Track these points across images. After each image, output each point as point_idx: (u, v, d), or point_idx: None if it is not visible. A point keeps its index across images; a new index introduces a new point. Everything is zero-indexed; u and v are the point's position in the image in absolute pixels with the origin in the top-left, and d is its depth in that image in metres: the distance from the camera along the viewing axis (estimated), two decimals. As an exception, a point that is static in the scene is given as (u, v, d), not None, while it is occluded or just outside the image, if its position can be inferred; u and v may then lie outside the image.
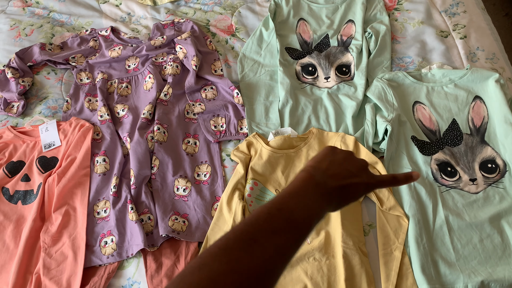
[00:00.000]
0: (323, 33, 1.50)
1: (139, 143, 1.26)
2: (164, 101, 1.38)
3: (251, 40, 1.49)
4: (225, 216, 1.17)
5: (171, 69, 1.43)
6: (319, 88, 1.40)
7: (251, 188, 1.20)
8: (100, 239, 1.17)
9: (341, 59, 1.44)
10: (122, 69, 1.49)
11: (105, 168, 1.27)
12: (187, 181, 1.25)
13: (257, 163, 1.24)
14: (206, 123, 1.35)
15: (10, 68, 1.45)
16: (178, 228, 1.16)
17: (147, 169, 1.25)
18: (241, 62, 1.46)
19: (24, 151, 1.34)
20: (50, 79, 1.48)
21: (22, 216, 1.23)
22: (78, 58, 1.51)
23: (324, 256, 1.10)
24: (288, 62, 1.44)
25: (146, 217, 1.19)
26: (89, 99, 1.42)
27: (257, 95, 1.38)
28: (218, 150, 1.31)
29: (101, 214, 1.21)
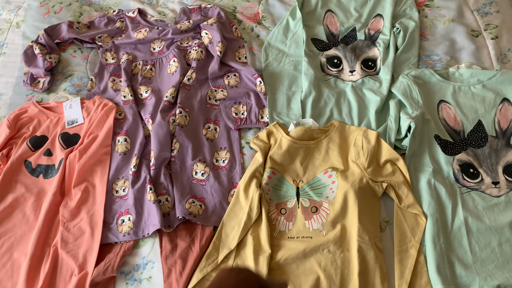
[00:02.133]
0: (351, 26, 1.48)
1: (161, 125, 1.27)
2: (187, 86, 1.39)
3: (277, 29, 1.48)
4: (241, 203, 1.18)
5: (195, 54, 1.43)
6: (343, 81, 1.38)
7: (268, 177, 1.20)
8: (117, 217, 1.19)
9: (368, 53, 1.42)
10: (147, 51, 1.50)
11: (125, 148, 1.28)
12: (206, 165, 1.25)
13: (276, 152, 1.24)
14: (227, 109, 1.35)
15: (38, 44, 1.48)
16: (195, 211, 1.17)
17: (167, 151, 1.26)
18: (266, 51, 1.46)
19: (47, 126, 1.36)
20: (76, 57, 1.50)
21: (43, 189, 1.25)
22: (104, 38, 1.52)
23: (339, 249, 1.09)
24: (313, 53, 1.43)
25: (164, 198, 1.20)
26: (113, 79, 1.44)
27: (279, 85, 1.38)
28: (237, 137, 1.31)
29: (120, 193, 1.23)
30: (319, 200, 1.17)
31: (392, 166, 1.19)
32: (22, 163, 1.29)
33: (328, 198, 1.17)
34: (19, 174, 1.27)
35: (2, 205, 1.22)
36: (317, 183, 1.20)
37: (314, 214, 1.15)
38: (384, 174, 1.18)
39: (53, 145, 1.32)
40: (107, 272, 1.09)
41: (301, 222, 1.15)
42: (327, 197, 1.17)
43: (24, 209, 1.22)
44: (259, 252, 1.10)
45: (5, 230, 1.20)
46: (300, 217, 1.16)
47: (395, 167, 1.20)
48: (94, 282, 1.08)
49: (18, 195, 1.24)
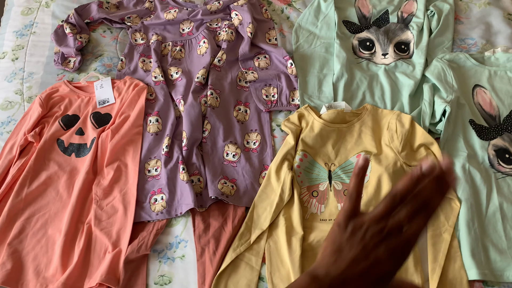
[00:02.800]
0: (383, 9, 1.45)
1: (193, 106, 1.27)
2: (217, 67, 1.38)
3: (308, 10, 1.46)
4: (272, 185, 1.18)
5: (225, 35, 1.42)
6: (375, 64, 1.36)
7: (300, 160, 1.20)
8: (150, 196, 1.20)
9: (401, 36, 1.40)
10: (176, 32, 1.49)
11: (157, 128, 1.29)
12: (237, 147, 1.25)
13: (308, 135, 1.23)
14: (258, 92, 1.34)
15: (69, 23, 1.48)
16: (227, 192, 1.18)
17: (199, 132, 1.26)
18: (296, 33, 1.44)
19: (79, 105, 1.37)
20: (106, 37, 1.50)
21: (75, 168, 1.27)
22: (134, 18, 1.52)
23: (372, 232, 1.09)
24: (345, 36, 1.41)
25: (196, 178, 1.20)
26: (143, 59, 1.43)
27: (311, 67, 1.37)
28: (268, 119, 1.31)
29: (152, 173, 1.23)
30: (352, 183, 1.17)
31: (426, 150, 1.18)
32: (55, 142, 1.30)
33: (361, 181, 1.16)
34: (52, 152, 1.29)
35: (36, 183, 1.24)
36: (349, 166, 1.20)
37: (347, 197, 1.15)
38: (418, 158, 1.17)
39: (84, 124, 1.33)
40: (141, 250, 1.11)
41: (333, 204, 1.15)
42: (360, 180, 1.17)
43: (57, 186, 1.24)
44: (292, 233, 1.10)
45: (39, 207, 1.21)
46: (332, 199, 1.16)
47: (429, 151, 1.19)
48: (128, 259, 1.10)
49: (51, 173, 1.25)
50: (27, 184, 1.23)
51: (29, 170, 1.24)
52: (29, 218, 1.19)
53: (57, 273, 1.12)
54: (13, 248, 1.15)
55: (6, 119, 1.36)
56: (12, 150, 1.29)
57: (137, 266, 1.11)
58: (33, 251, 1.15)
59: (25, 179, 1.23)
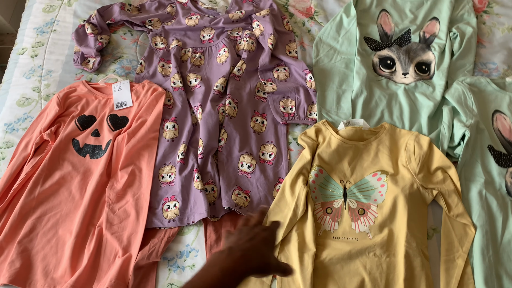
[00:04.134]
0: (405, 28, 1.45)
1: (211, 114, 1.27)
2: (236, 76, 1.38)
3: (330, 25, 1.46)
4: (286, 199, 1.17)
5: (246, 45, 1.42)
6: (395, 83, 1.36)
7: (315, 175, 1.19)
8: (163, 202, 1.19)
9: (422, 56, 1.40)
10: (197, 38, 1.49)
11: (174, 135, 1.28)
12: (252, 158, 1.25)
13: (324, 150, 1.22)
14: (276, 103, 1.34)
15: (90, 24, 1.48)
16: (240, 203, 1.17)
17: (215, 141, 1.25)
18: (317, 46, 1.44)
19: (95, 106, 1.37)
20: (126, 40, 1.50)
21: (89, 169, 1.26)
22: (155, 22, 1.52)
23: (385, 253, 1.08)
24: (366, 52, 1.41)
25: (210, 187, 1.20)
26: (162, 64, 1.43)
27: (330, 82, 1.36)
28: (285, 132, 1.31)
29: (166, 179, 1.23)
30: (367, 203, 1.16)
31: (443, 174, 1.17)
32: (70, 142, 1.30)
33: (377, 201, 1.16)
34: (67, 152, 1.28)
35: (49, 182, 1.23)
36: (365, 185, 1.19)
37: (362, 216, 1.14)
38: (435, 181, 1.16)
39: (101, 126, 1.33)
40: (151, 257, 1.10)
41: (347, 223, 1.14)
42: (375, 200, 1.16)
43: (70, 187, 1.23)
44: (304, 250, 1.09)
45: (51, 206, 1.21)
46: (346, 218, 1.15)
47: (446, 174, 1.18)
48: (138, 265, 1.09)
49: (65, 173, 1.25)
50: (41, 182, 1.23)
51: (43, 168, 1.24)
52: (40, 217, 1.19)
53: (65, 274, 1.12)
54: (23, 247, 1.14)
55: (22, 116, 1.36)
56: (27, 148, 1.29)
57: (146, 273, 1.11)
58: (43, 251, 1.15)
59: (38, 178, 1.23)
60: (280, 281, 1.07)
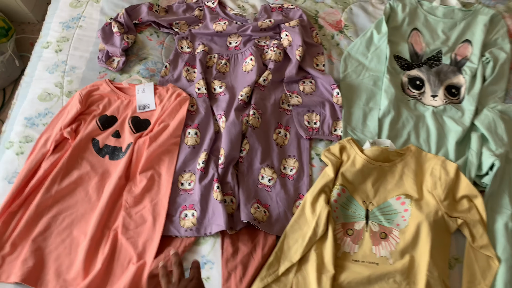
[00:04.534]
0: (436, 48, 1.42)
1: (234, 124, 1.25)
2: (262, 86, 1.36)
3: (359, 40, 1.44)
4: (307, 217, 1.15)
5: (273, 55, 1.40)
6: (423, 104, 1.33)
7: (338, 194, 1.17)
8: (180, 210, 1.17)
9: (452, 79, 1.37)
10: (223, 45, 1.47)
11: (195, 142, 1.26)
12: (273, 171, 1.23)
13: (348, 169, 1.20)
14: (300, 117, 1.32)
15: (117, 22, 1.46)
16: (259, 217, 1.15)
17: (237, 151, 1.23)
18: (345, 61, 1.41)
19: (117, 107, 1.35)
20: (152, 41, 1.48)
21: (108, 170, 1.25)
22: (182, 25, 1.50)
23: (405, 281, 1.06)
24: (395, 71, 1.38)
25: (229, 198, 1.18)
26: (187, 68, 1.41)
27: (357, 99, 1.34)
28: (308, 147, 1.28)
29: (185, 186, 1.21)
30: (389, 227, 1.13)
31: (469, 203, 1.14)
32: (90, 141, 1.28)
33: (399, 226, 1.13)
34: (86, 151, 1.27)
35: (67, 181, 1.22)
36: (388, 208, 1.16)
37: (383, 240, 1.12)
38: (460, 209, 1.14)
39: (122, 128, 1.31)
40: (167, 266, 1.08)
41: (367, 246, 1.11)
42: (398, 225, 1.13)
43: (87, 187, 1.22)
44: (322, 271, 1.07)
45: (67, 206, 1.19)
46: (367, 241, 1.12)
47: (472, 204, 1.15)
48: (152, 274, 1.07)
49: (83, 173, 1.23)
50: (58, 181, 1.21)
51: (61, 167, 1.23)
52: (56, 216, 1.17)
53: (78, 277, 1.10)
54: (36, 245, 1.13)
55: (43, 111, 1.35)
56: (46, 144, 1.28)
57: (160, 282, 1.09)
58: (56, 251, 1.13)
59: (56, 176, 1.22)
60: (296, 301, 1.05)
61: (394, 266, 1.07)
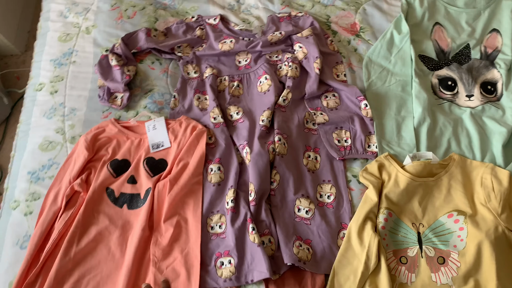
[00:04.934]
0: (463, 42, 1.31)
1: (261, 155, 1.14)
2: (282, 107, 1.24)
3: (379, 43, 1.32)
4: (354, 249, 1.05)
5: (290, 71, 1.28)
6: (459, 106, 1.23)
7: (385, 220, 1.07)
8: (215, 258, 1.07)
9: (486, 75, 1.26)
10: (232, 65, 1.36)
11: (219, 178, 1.15)
12: (310, 202, 1.12)
13: (392, 190, 1.10)
14: (328, 136, 1.21)
15: (114, 54, 1.34)
16: (304, 257, 1.04)
17: (267, 184, 1.12)
18: (367, 68, 1.30)
19: (128, 148, 1.23)
20: (155, 70, 1.35)
21: (128, 221, 1.13)
22: (184, 47, 1.38)
23: (474, 309, 0.97)
24: (423, 73, 1.27)
25: (267, 239, 1.07)
26: (198, 96, 1.30)
27: (386, 108, 1.23)
28: (342, 168, 1.18)
29: (216, 230, 1.10)
30: (446, 250, 1.04)
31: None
32: (104, 191, 1.17)
33: (457, 248, 1.04)
34: (101, 203, 1.15)
35: (86, 239, 1.10)
36: (440, 227, 1.07)
37: (442, 266, 1.02)
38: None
39: (137, 172, 1.19)
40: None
41: (426, 274, 1.02)
42: (455, 246, 1.04)
43: (109, 243, 1.11)
44: (381, 308, 0.98)
45: (89, 267, 1.08)
46: (424, 268, 1.02)
47: (525, 213, 1.05)
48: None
49: (101, 228, 1.12)
50: (76, 241, 1.10)
51: (77, 225, 1.11)
52: (79, 281, 1.06)
53: None
54: (62, 317, 1.02)
55: (47, 162, 1.23)
56: (56, 201, 1.16)
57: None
58: (85, 320, 1.02)
59: (73, 236, 1.10)
60: None
61: (459, 294, 0.98)
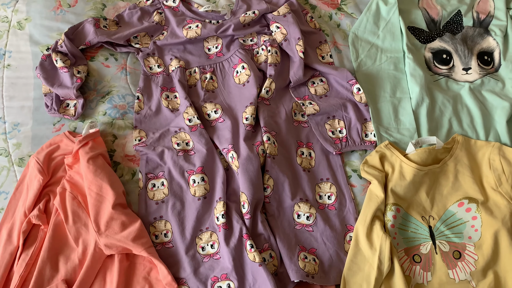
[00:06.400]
0: (454, 9, 1.20)
1: (250, 159, 0.99)
2: (265, 100, 1.09)
3: (365, 16, 1.18)
4: (364, 253, 0.95)
5: (270, 57, 1.12)
6: (456, 81, 1.13)
7: (393, 217, 0.97)
8: (211, 283, 0.93)
9: (481, 44, 1.17)
10: (201, 53, 1.17)
11: (204, 190, 1.00)
12: (310, 206, 1.00)
13: (398, 184, 1.00)
14: (321, 128, 1.08)
15: (58, 53, 1.11)
16: (311, 270, 0.93)
17: (261, 192, 0.99)
18: (354, 45, 1.17)
19: (91, 166, 1.04)
20: (111, 67, 1.15)
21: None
22: (142, 37, 1.18)
23: (496, 304, 0.91)
24: (415, 47, 1.15)
25: (268, 254, 0.95)
26: (166, 95, 1.11)
27: (380, 90, 1.11)
28: (340, 163, 1.06)
29: (208, 250, 0.96)
30: (461, 242, 0.96)
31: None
32: (69, 221, 0.99)
33: (472, 239, 0.96)
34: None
35: (56, 281, 0.93)
36: (451, 218, 0.99)
37: (459, 261, 0.95)
38: (533, 202, 0.98)
39: (105, 193, 1.01)
40: None
41: (442, 271, 0.94)
42: (470, 238, 0.96)
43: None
44: (400, 315, 0.89)
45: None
46: (440, 265, 0.95)
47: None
48: None
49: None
50: (44, 285, 0.93)
51: (42, 266, 0.93)
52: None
53: None
54: None
55: (-8, 192, 1.02)
56: (11, 239, 0.97)
57: None
58: None
59: (40, 280, 0.92)
60: None
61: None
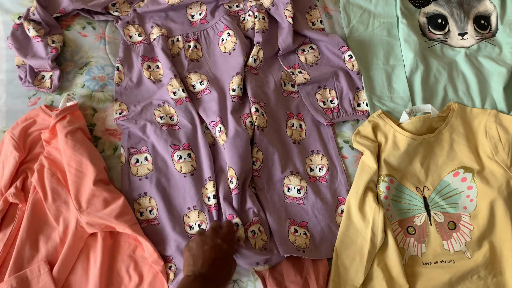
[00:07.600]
0: (449, -30, 1.14)
1: (238, 133, 0.94)
2: (253, 69, 1.04)
3: (356, -21, 1.12)
4: (356, 225, 0.92)
5: (257, 23, 1.06)
6: (451, 47, 1.08)
7: (387, 188, 0.94)
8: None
9: (478, 7, 1.11)
10: (184, 20, 1.11)
11: (191, 167, 0.96)
12: (301, 178, 0.96)
13: (392, 154, 0.96)
14: (312, 98, 1.03)
15: (31, 22, 1.03)
16: (302, 244, 0.91)
17: (249, 165, 0.95)
18: (346, 11, 1.11)
19: (70, 141, 0.99)
20: (88, 37, 1.08)
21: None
22: (121, 4, 1.10)
23: (491, 273, 0.89)
24: (409, 12, 1.10)
25: (256, 228, 0.91)
26: (148, 65, 1.05)
27: (373, 57, 1.06)
28: (332, 134, 1.02)
29: (195, 229, 0.92)
30: (456, 213, 0.94)
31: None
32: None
33: (467, 209, 0.94)
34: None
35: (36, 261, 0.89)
36: (446, 188, 0.96)
37: (454, 232, 0.92)
38: (530, 171, 0.95)
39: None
40: None
41: (437, 242, 0.92)
42: (465, 208, 0.94)
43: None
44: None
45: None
46: (435, 236, 0.92)
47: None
48: None
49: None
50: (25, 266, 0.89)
51: (21, 246, 0.89)
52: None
53: None
54: None
55: (-34, 171, 0.97)
56: (-13, 219, 0.92)
57: None
58: None
59: (19, 260, 0.88)
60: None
61: (474, 260, 0.90)
